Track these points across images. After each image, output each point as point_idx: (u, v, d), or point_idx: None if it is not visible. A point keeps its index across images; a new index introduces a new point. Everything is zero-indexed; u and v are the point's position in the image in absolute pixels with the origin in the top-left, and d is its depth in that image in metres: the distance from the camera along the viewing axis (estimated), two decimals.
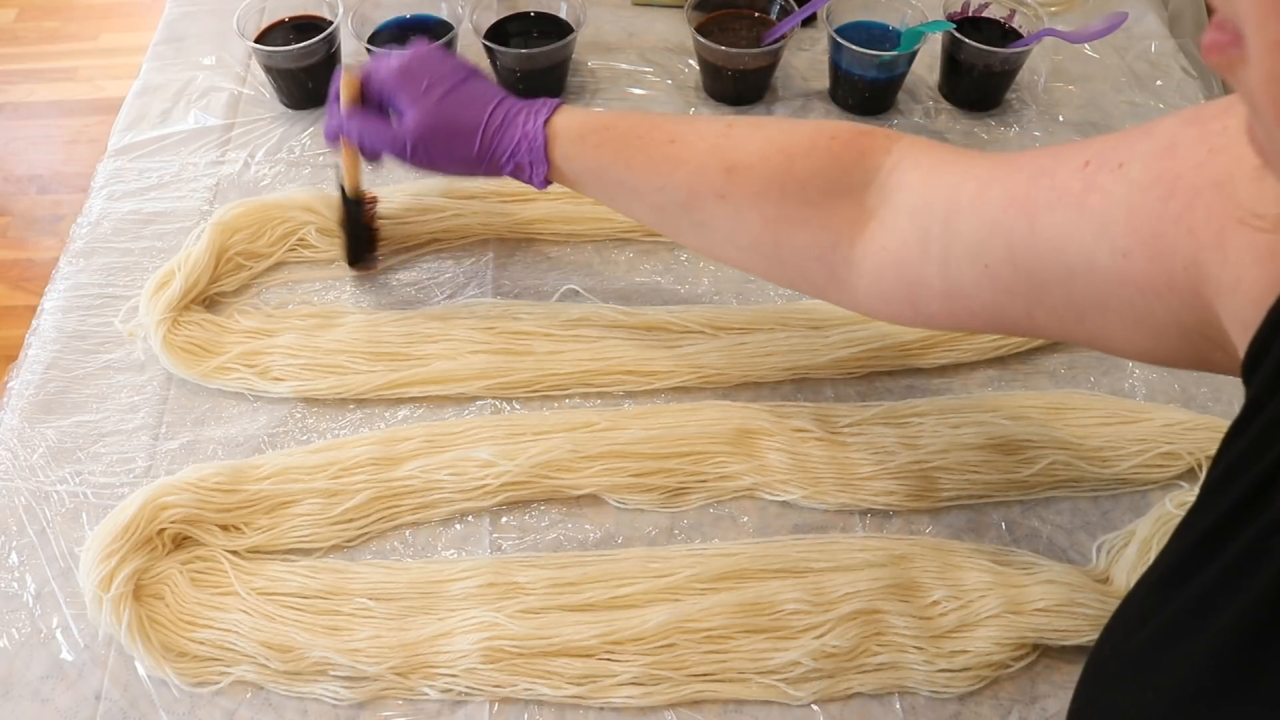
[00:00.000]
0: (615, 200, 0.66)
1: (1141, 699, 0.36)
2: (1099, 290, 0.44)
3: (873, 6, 0.89)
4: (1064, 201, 0.45)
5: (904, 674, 0.59)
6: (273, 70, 0.87)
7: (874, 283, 0.56)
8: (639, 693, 0.58)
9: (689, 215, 0.61)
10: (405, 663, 0.58)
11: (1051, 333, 0.51)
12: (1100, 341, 0.48)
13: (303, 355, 0.72)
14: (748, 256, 0.62)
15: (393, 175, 0.85)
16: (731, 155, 0.59)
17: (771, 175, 0.58)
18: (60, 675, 0.59)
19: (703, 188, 0.59)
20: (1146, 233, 0.41)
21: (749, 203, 0.58)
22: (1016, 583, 0.62)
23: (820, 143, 0.58)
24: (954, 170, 0.52)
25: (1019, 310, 0.49)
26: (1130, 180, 0.42)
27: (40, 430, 0.69)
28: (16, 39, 2.27)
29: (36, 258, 1.85)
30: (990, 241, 0.49)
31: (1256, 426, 0.34)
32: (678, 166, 0.60)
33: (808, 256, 0.58)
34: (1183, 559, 0.37)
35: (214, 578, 0.62)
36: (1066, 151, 0.47)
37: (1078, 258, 0.44)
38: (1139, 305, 0.43)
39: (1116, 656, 0.39)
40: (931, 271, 0.53)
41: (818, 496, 0.66)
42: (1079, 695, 0.42)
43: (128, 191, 0.83)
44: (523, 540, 0.65)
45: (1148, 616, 0.38)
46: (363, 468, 0.66)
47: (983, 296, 0.51)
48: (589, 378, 0.72)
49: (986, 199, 0.49)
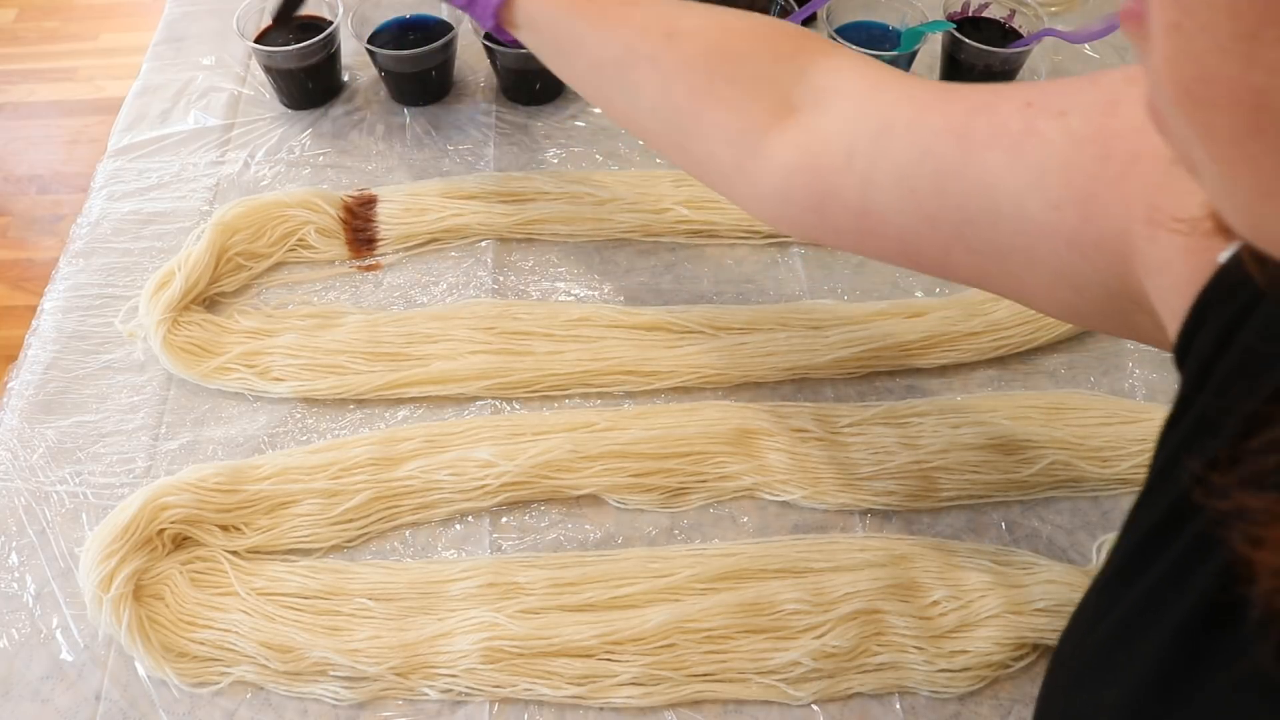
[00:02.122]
0: (560, 52, 0.64)
1: (1098, 699, 0.36)
2: (1025, 238, 0.43)
3: (873, 6, 0.89)
4: (1001, 140, 0.44)
5: (904, 674, 0.59)
6: (273, 70, 0.87)
7: (782, 183, 0.54)
8: (639, 693, 0.58)
9: (622, 76, 0.60)
10: (405, 663, 0.59)
11: (964, 275, 0.48)
12: (1017, 291, 0.47)
13: (303, 355, 0.72)
14: (665, 128, 0.60)
15: (392, 175, 0.85)
16: (675, 22, 0.58)
17: (706, 46, 0.56)
18: (60, 675, 0.59)
19: (641, 48, 0.58)
20: (1080, 190, 0.40)
21: (679, 70, 0.57)
22: (1016, 583, 0.62)
23: (760, 28, 0.56)
24: (895, 89, 0.51)
25: (936, 245, 0.48)
26: (1070, 131, 0.41)
27: (40, 430, 0.69)
28: (16, 39, 2.27)
29: (36, 258, 1.85)
30: (920, 166, 0.47)
31: (1189, 420, 0.34)
32: (624, 22, 0.59)
33: (719, 139, 0.56)
34: (1130, 556, 0.37)
35: (214, 578, 0.62)
36: (1010, 90, 0.45)
37: (1007, 201, 0.43)
38: (1065, 260, 0.42)
39: (1075, 656, 0.39)
40: (850, 183, 0.50)
41: (818, 496, 0.66)
42: (1043, 696, 0.42)
43: (128, 191, 0.84)
44: (523, 540, 0.65)
45: (1102, 615, 0.37)
46: (363, 468, 0.66)
47: (900, 221, 0.49)
48: (589, 378, 0.72)
49: (923, 123, 0.47)
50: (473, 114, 0.90)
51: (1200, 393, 0.34)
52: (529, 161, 0.87)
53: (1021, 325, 0.75)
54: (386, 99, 0.91)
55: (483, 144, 0.88)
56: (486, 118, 0.90)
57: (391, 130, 0.89)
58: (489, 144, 0.88)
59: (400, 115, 0.90)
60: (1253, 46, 0.18)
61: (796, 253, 0.81)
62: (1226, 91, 0.19)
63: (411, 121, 0.90)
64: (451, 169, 0.86)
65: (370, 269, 0.79)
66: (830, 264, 0.80)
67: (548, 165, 0.86)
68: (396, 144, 0.88)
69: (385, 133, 0.89)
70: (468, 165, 0.86)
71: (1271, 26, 0.18)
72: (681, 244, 0.81)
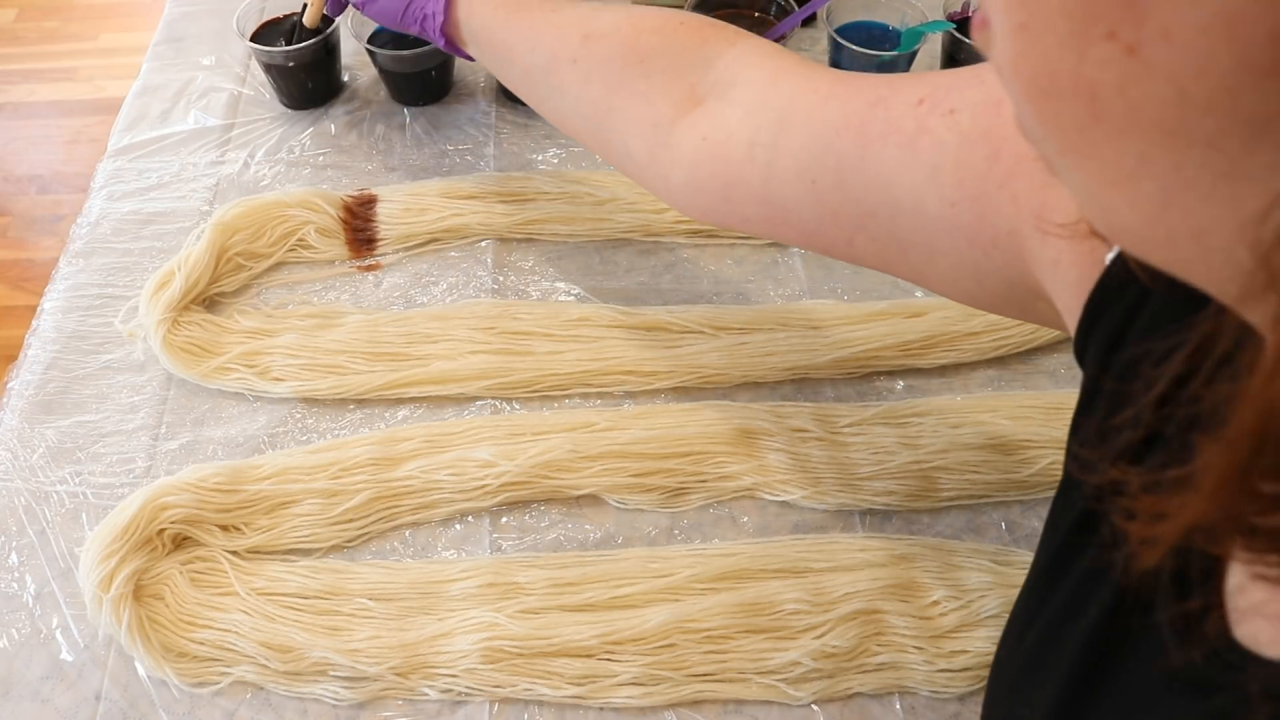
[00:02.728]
0: (500, 61, 0.67)
1: (1030, 700, 0.36)
2: (924, 233, 0.44)
3: (873, 6, 0.89)
4: (895, 138, 0.44)
5: (904, 674, 0.59)
6: (272, 70, 0.87)
7: (690, 172, 0.55)
8: (639, 693, 0.58)
9: (548, 80, 0.62)
10: (405, 663, 0.58)
11: (871, 261, 0.50)
12: (922, 280, 0.48)
13: (303, 355, 0.72)
14: (585, 124, 0.62)
15: (393, 175, 0.85)
16: (591, 24, 0.60)
17: (619, 45, 0.58)
18: (60, 675, 0.59)
19: (561, 52, 0.61)
20: (972, 189, 0.41)
21: (595, 69, 0.59)
22: (1016, 583, 0.62)
23: (670, 24, 0.58)
24: (795, 80, 0.51)
25: (840, 234, 0.49)
26: (960, 130, 0.42)
27: (40, 430, 0.69)
28: (16, 39, 2.27)
29: (36, 258, 1.85)
30: (821, 160, 0.48)
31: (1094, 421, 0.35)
32: (548, 30, 0.62)
33: (632, 131, 0.58)
34: (1053, 557, 0.37)
35: (214, 578, 0.62)
36: (904, 83, 0.46)
37: (906, 196, 0.44)
38: (964, 254, 0.43)
39: (1010, 660, 0.40)
40: (753, 174, 0.51)
41: (818, 496, 0.66)
42: (986, 701, 0.42)
43: (127, 192, 0.84)
44: (523, 540, 0.65)
45: (1031, 620, 0.38)
46: (363, 468, 0.66)
47: (802, 210, 0.50)
48: (589, 378, 0.72)
49: (822, 116, 0.48)
50: (473, 114, 0.90)
51: (1100, 389, 0.34)
52: (529, 161, 0.87)
53: (1021, 325, 0.75)
54: (386, 99, 0.91)
55: (483, 144, 0.88)
56: (486, 118, 0.90)
57: (391, 130, 0.89)
58: (489, 144, 0.88)
59: (400, 115, 0.90)
60: (1083, 43, 0.20)
61: (796, 253, 0.81)
62: (1068, 84, 0.21)
63: (411, 121, 0.90)
64: (451, 169, 0.86)
65: (370, 269, 0.79)
66: (830, 264, 0.80)
67: (548, 165, 0.86)
68: (396, 144, 0.88)
69: (385, 133, 0.89)
70: (468, 165, 0.86)
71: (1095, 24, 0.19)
72: (681, 244, 0.81)
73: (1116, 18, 0.19)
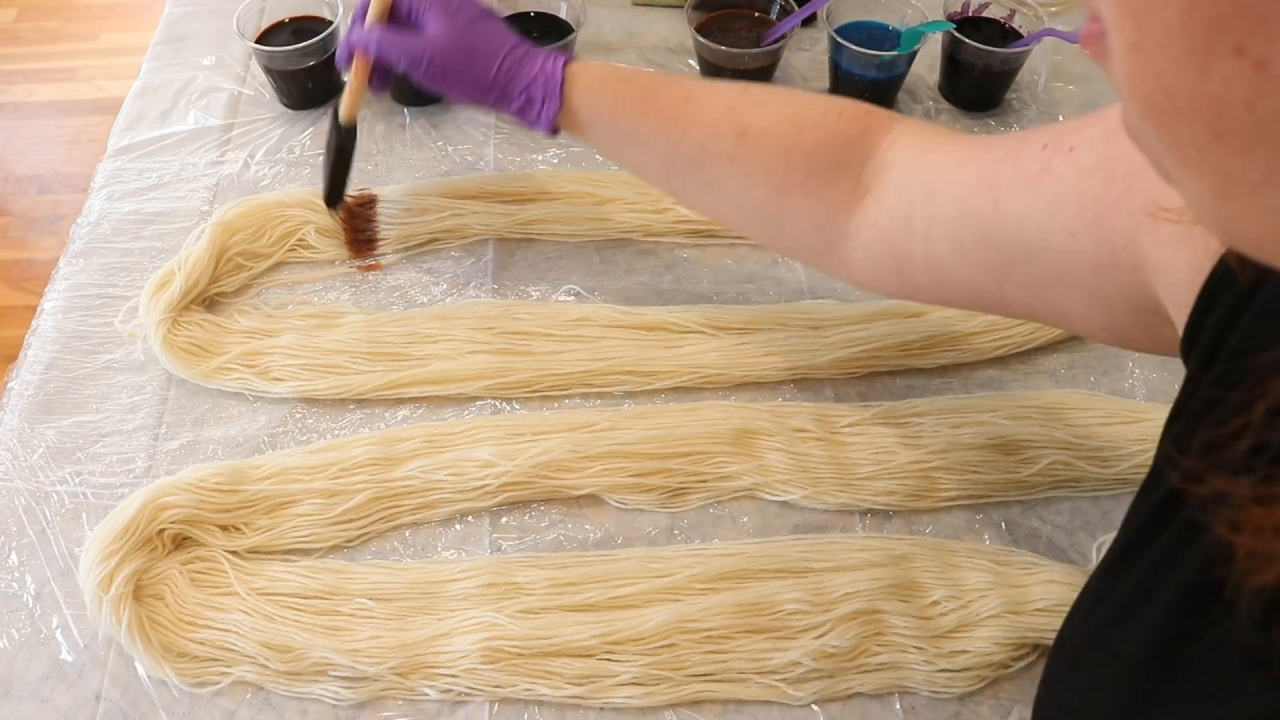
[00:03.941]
0: (624, 153, 0.67)
1: (1094, 676, 0.38)
2: (1056, 267, 0.47)
3: (873, 6, 0.89)
4: (1023, 183, 0.48)
5: (904, 674, 0.59)
6: (272, 70, 0.87)
7: (865, 256, 0.58)
8: (639, 693, 0.58)
9: (699, 175, 0.62)
10: (405, 663, 0.58)
11: (1021, 310, 0.52)
12: (1064, 318, 0.50)
13: (303, 355, 0.72)
14: (751, 221, 0.64)
15: (392, 175, 0.85)
16: (745, 119, 0.60)
17: (781, 143, 0.59)
18: (60, 675, 0.59)
19: (714, 148, 0.61)
20: (1091, 215, 0.44)
21: (757, 168, 0.60)
22: (1016, 583, 0.62)
23: (829, 117, 0.59)
24: (939, 150, 0.55)
25: (993, 286, 0.51)
26: (1078, 164, 0.45)
27: (40, 430, 0.69)
28: (16, 39, 2.27)
29: (36, 258, 1.85)
30: (963, 220, 0.51)
31: (1191, 408, 0.36)
32: (692, 124, 0.61)
33: (807, 226, 0.60)
34: (1126, 546, 0.39)
35: (214, 578, 0.62)
36: (1032, 135, 0.49)
37: (1036, 235, 0.47)
38: (1090, 282, 0.45)
39: (1075, 638, 0.41)
40: (915, 246, 0.55)
41: (818, 496, 0.66)
42: (1045, 678, 0.44)
43: (127, 192, 0.83)
44: (523, 540, 0.65)
45: (1100, 601, 0.40)
46: (363, 468, 0.66)
47: (960, 271, 0.53)
48: (589, 378, 0.72)
49: (961, 179, 0.51)
50: (473, 114, 0.90)
51: (1201, 384, 0.35)
52: (529, 161, 0.87)
53: (1021, 325, 0.75)
54: (387, 99, 0.91)
55: (483, 144, 0.88)
56: (486, 118, 0.90)
57: (391, 130, 0.89)
58: (489, 144, 0.88)
59: (400, 115, 0.90)
60: (1206, 60, 0.19)
61: None
62: (1186, 103, 0.20)
63: (411, 121, 0.90)
64: (451, 169, 0.86)
65: (370, 269, 0.79)
66: None
67: (548, 165, 0.86)
68: (396, 144, 0.88)
69: (385, 133, 0.89)
70: (468, 165, 0.86)
71: (1222, 40, 0.19)
72: (681, 244, 0.81)
73: (1245, 32, 0.18)
